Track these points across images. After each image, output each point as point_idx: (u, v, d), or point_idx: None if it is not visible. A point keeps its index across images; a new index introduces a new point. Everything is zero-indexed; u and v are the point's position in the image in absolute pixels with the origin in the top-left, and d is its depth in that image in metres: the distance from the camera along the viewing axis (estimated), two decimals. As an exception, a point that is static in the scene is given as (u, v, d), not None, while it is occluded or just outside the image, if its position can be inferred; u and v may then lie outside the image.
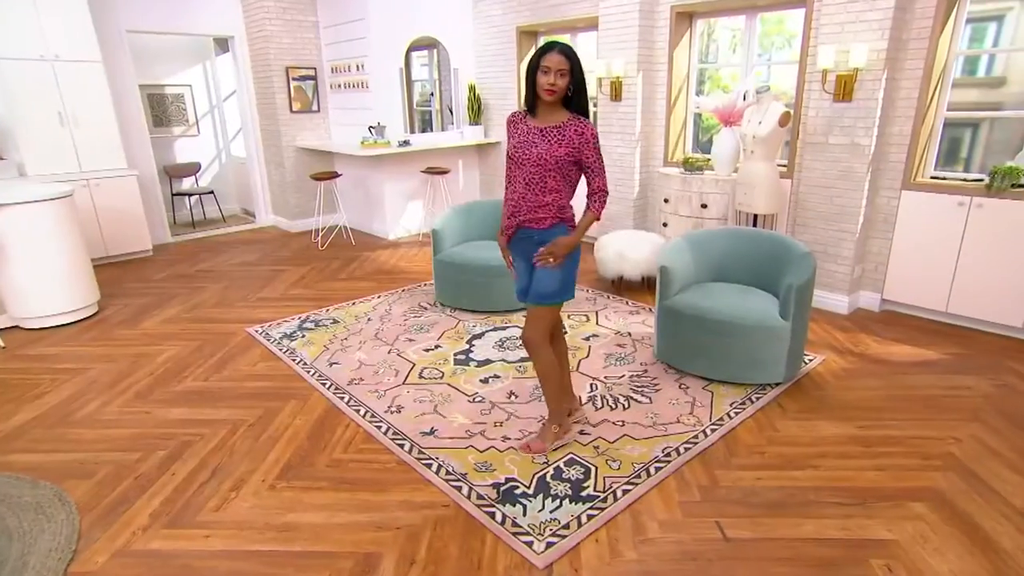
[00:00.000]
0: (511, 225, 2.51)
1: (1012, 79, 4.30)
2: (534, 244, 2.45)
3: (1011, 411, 2.93)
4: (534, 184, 2.39)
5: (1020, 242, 3.48)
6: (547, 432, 2.68)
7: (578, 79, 2.29)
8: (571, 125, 2.32)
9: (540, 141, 2.35)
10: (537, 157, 2.34)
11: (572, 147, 2.32)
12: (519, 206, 2.44)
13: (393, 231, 6.54)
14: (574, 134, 2.32)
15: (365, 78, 6.25)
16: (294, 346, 3.84)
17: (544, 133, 2.35)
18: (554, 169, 2.34)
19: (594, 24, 5.49)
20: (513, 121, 2.46)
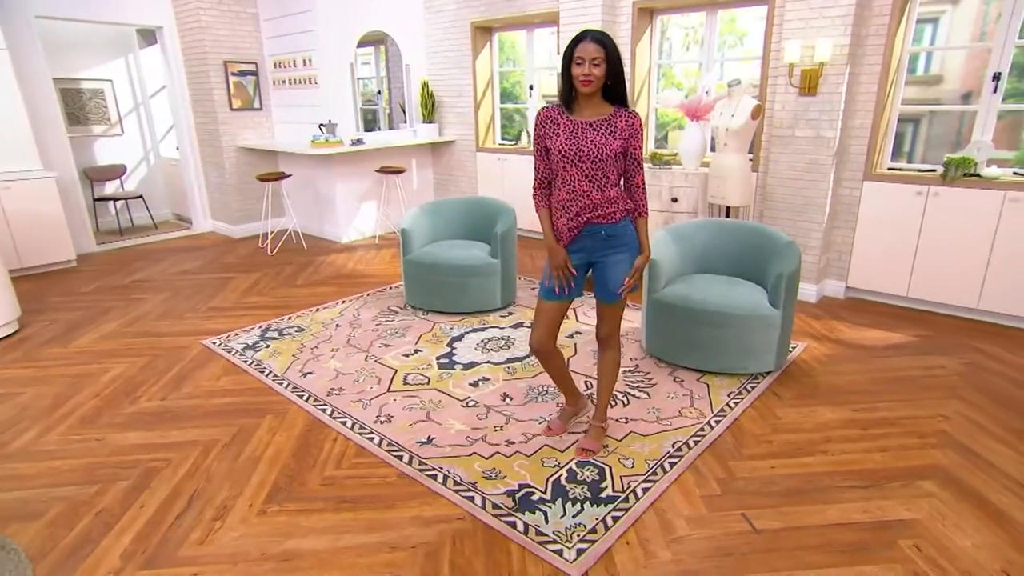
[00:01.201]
0: (576, 225, 2.31)
1: (948, 77, 4.62)
2: (601, 240, 2.33)
3: (984, 387, 3.07)
4: (598, 180, 2.25)
5: (974, 228, 3.69)
6: (600, 431, 2.62)
7: (615, 67, 2.15)
8: (621, 116, 2.23)
9: (594, 135, 2.22)
10: (597, 152, 2.21)
11: (624, 139, 2.23)
12: (584, 204, 2.28)
13: (346, 234, 6.24)
14: (625, 125, 2.22)
15: (313, 73, 5.93)
16: (259, 357, 3.54)
17: (594, 127, 2.22)
18: (613, 163, 2.24)
19: (553, 20, 5.45)
20: (550, 118, 2.29)
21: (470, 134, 6.44)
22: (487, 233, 4.36)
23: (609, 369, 2.53)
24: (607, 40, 2.11)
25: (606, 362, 2.53)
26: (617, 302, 2.40)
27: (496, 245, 4.08)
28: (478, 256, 4.06)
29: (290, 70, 6.19)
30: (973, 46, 4.03)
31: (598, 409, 2.61)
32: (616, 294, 2.35)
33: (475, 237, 4.46)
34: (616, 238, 2.30)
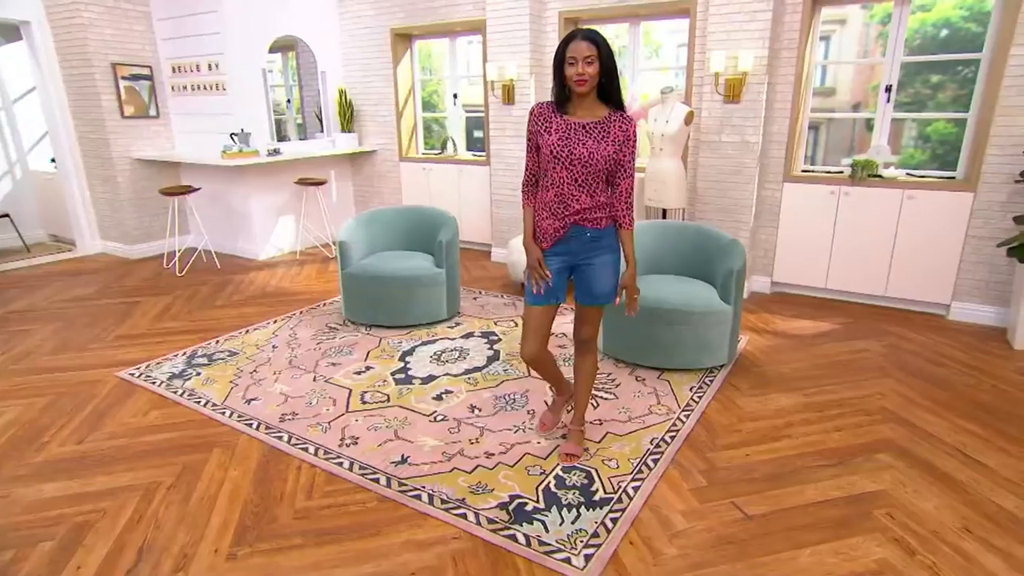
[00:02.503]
0: (563, 226, 2.25)
1: (840, 89, 5.12)
2: (585, 242, 2.27)
3: (905, 365, 3.39)
4: (587, 184, 2.19)
5: (880, 223, 4.08)
6: (579, 435, 2.60)
7: (607, 65, 2.11)
8: (615, 121, 2.16)
9: (586, 139, 2.15)
10: (588, 156, 2.14)
11: (617, 144, 2.16)
12: (573, 209, 2.22)
13: (264, 250, 5.83)
14: (618, 131, 2.15)
15: (221, 79, 5.51)
16: (191, 386, 3.19)
17: (588, 129, 2.16)
18: (603, 168, 2.18)
19: (477, 28, 5.44)
20: (543, 115, 2.23)
21: (392, 144, 6.26)
22: (428, 243, 4.24)
23: (589, 373, 2.52)
24: (599, 38, 2.09)
25: (587, 365, 2.50)
26: (596, 306, 2.38)
27: (441, 254, 3.96)
28: (422, 266, 3.93)
29: (192, 75, 5.72)
30: (869, 61, 4.46)
31: (577, 413, 2.59)
32: (603, 296, 2.33)
33: (415, 247, 4.32)
34: (601, 240, 2.28)
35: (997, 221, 3.76)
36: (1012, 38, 3.54)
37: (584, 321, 2.44)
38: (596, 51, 2.06)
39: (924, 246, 3.97)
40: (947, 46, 4.29)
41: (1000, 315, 3.85)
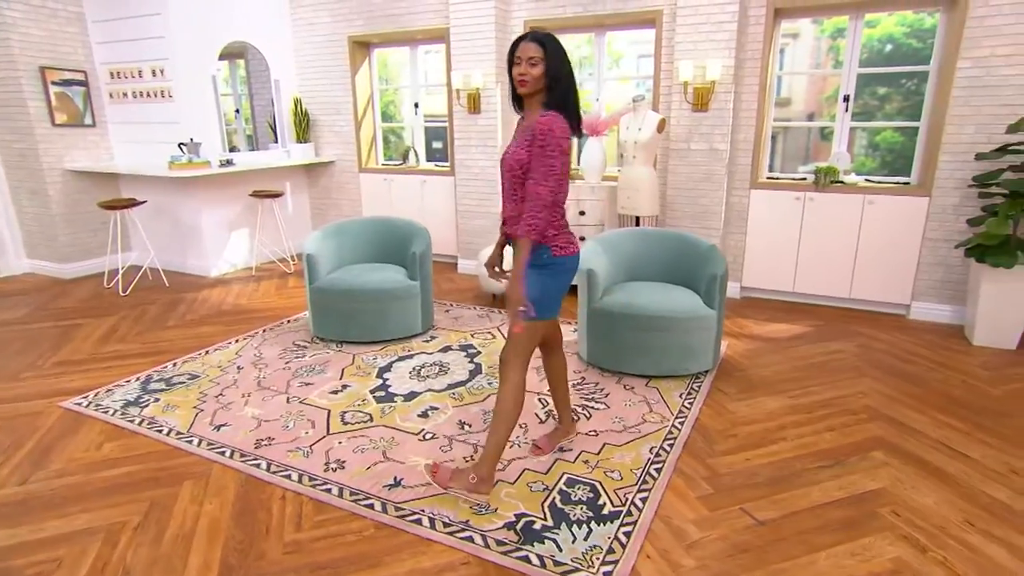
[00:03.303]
0: (502, 236, 2.33)
1: (795, 99, 5.31)
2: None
3: (879, 364, 3.48)
4: (509, 191, 2.16)
5: (843, 227, 4.22)
6: (463, 475, 2.25)
7: (553, 67, 2.02)
8: (538, 121, 2.03)
9: (513, 143, 2.13)
10: (509, 162, 2.11)
11: (526, 146, 2.06)
12: (505, 217, 2.22)
13: (216, 266, 5.50)
14: (534, 131, 2.02)
15: (166, 86, 5.20)
16: (149, 414, 2.92)
17: (517, 134, 2.15)
18: (519, 173, 2.08)
19: (439, 36, 5.35)
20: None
21: (351, 154, 6.06)
22: (399, 254, 4.09)
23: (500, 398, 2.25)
24: (548, 40, 2.03)
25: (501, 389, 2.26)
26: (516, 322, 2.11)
27: (415, 266, 3.82)
28: (396, 279, 3.77)
29: (133, 81, 5.37)
30: (828, 72, 4.61)
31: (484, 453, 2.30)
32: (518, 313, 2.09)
33: (384, 259, 4.16)
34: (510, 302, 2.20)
35: (951, 224, 3.95)
36: (958, 52, 3.75)
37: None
38: (542, 53, 2.00)
39: (884, 249, 4.13)
40: (891, 60, 4.52)
41: (956, 313, 4.04)
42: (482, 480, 2.23)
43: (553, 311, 2.26)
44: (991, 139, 3.76)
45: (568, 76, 2.06)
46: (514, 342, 2.17)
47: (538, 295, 2.13)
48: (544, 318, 2.20)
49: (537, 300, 2.11)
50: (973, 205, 3.86)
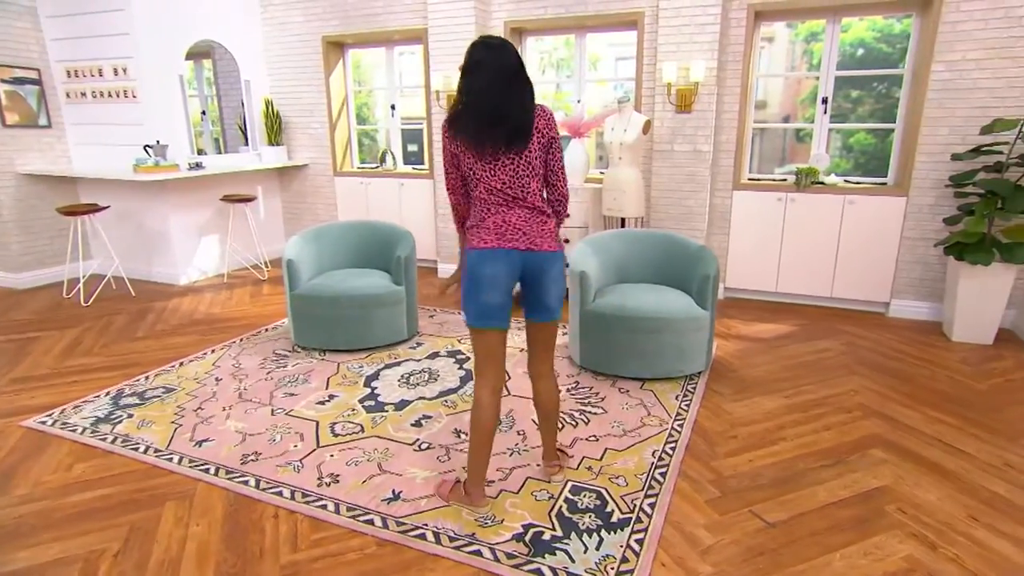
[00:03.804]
0: None
1: (771, 102, 5.39)
2: None
3: (867, 361, 3.52)
4: None
5: (824, 227, 4.28)
6: (459, 489, 2.21)
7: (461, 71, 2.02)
8: None
9: None
10: None
11: None
12: None
13: (186, 274, 5.27)
14: None
15: (130, 86, 4.96)
16: (123, 431, 2.75)
17: None
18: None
19: (416, 37, 5.26)
20: None
21: (325, 157, 5.90)
22: (381, 259, 3.98)
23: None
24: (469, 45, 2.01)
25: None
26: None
27: (399, 271, 3.72)
28: (381, 284, 3.66)
29: (93, 80, 5.12)
30: (808, 74, 4.67)
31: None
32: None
33: (366, 264, 4.04)
34: None
35: (928, 223, 4.04)
36: (932, 56, 3.85)
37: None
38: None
39: (864, 248, 4.20)
40: (863, 64, 4.62)
41: (934, 310, 4.13)
42: (470, 495, 2.17)
43: (471, 317, 2.04)
44: (965, 140, 3.86)
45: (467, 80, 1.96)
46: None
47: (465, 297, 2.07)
48: (471, 325, 2.05)
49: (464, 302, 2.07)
50: (949, 204, 3.96)
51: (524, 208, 2.02)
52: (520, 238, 2.00)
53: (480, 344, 2.07)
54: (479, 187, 2.02)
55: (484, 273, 1.99)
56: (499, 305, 2.01)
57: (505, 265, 1.99)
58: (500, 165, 1.97)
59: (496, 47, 1.92)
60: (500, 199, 2.01)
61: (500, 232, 1.99)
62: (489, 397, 2.08)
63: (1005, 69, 3.73)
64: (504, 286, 2.01)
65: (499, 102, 1.91)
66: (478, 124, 1.94)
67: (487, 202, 2.02)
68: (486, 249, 1.99)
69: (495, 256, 1.98)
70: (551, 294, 2.08)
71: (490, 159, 1.97)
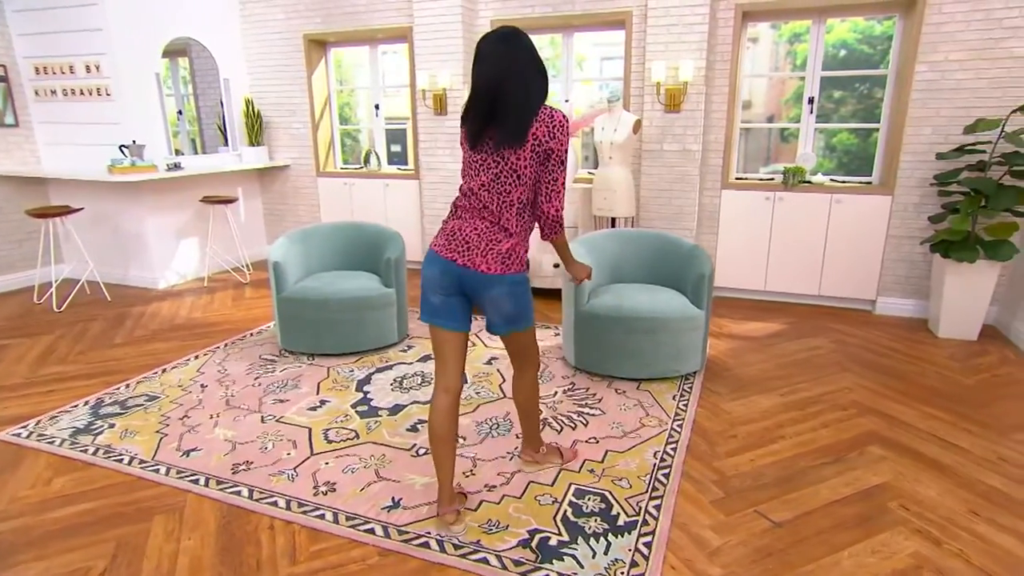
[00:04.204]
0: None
1: (755, 102, 5.43)
2: None
3: (857, 359, 3.55)
4: None
5: (812, 226, 4.31)
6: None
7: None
8: None
9: None
10: None
11: None
12: None
13: (164, 278, 5.11)
14: None
15: (104, 83, 4.80)
16: (105, 442, 2.63)
17: None
18: None
19: (401, 35, 5.18)
20: None
21: (308, 158, 5.79)
22: (369, 261, 3.90)
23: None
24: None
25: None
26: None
27: (389, 273, 3.65)
28: (371, 287, 3.58)
29: (63, 78, 4.94)
30: (795, 74, 4.67)
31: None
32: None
33: (354, 266, 3.95)
34: None
35: (913, 221, 4.10)
36: (916, 56, 3.91)
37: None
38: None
39: (851, 247, 4.25)
40: (846, 64, 4.68)
41: (919, 307, 4.20)
42: (438, 502, 2.09)
43: (424, 312, 2.02)
44: (948, 139, 3.93)
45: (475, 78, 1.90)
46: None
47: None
48: (420, 319, 2.05)
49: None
50: (933, 203, 4.02)
51: (485, 221, 1.94)
52: (460, 252, 1.93)
53: (432, 340, 2.06)
54: (463, 183, 2.00)
55: (425, 274, 2.01)
56: (440, 305, 1.98)
57: (440, 273, 1.96)
58: (486, 164, 1.91)
59: (504, 38, 1.86)
60: (471, 203, 1.96)
61: (449, 239, 1.96)
62: (442, 397, 2.03)
63: (986, 70, 3.80)
64: (443, 289, 1.97)
65: (497, 95, 1.84)
66: (475, 116, 1.90)
67: (460, 202, 2.01)
68: (432, 251, 2.00)
69: (435, 261, 1.98)
70: (497, 313, 2.01)
71: (480, 154, 1.92)
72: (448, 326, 2.00)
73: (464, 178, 1.99)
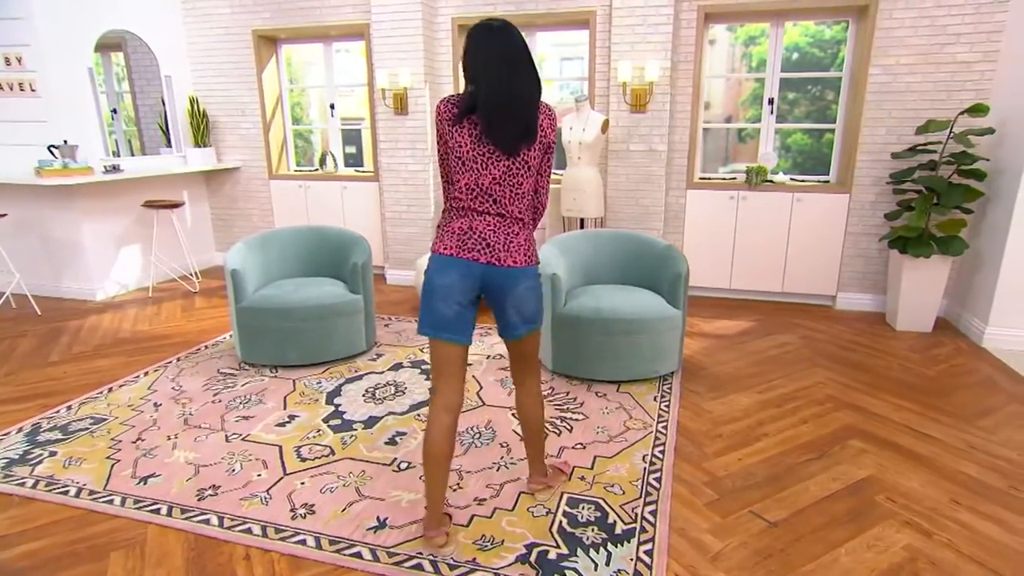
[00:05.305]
0: None
1: (714, 103, 5.52)
2: None
3: (825, 353, 3.63)
4: None
5: (775, 225, 4.40)
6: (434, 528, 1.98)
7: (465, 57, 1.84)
8: None
9: None
10: None
11: None
12: None
13: (103, 288, 4.74)
14: None
15: (28, 77, 4.41)
16: (46, 472, 2.38)
17: None
18: None
19: (357, 32, 5.00)
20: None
21: (259, 159, 5.52)
22: (332, 267, 3.72)
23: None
24: (471, 28, 1.82)
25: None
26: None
27: (356, 279, 3.48)
28: (337, 293, 3.41)
29: (-15, 74, 4.53)
30: (755, 75, 4.75)
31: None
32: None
33: (317, 272, 3.77)
34: None
35: (869, 218, 4.24)
36: (869, 59, 4.04)
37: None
38: (464, 44, 1.83)
39: (812, 244, 4.36)
40: (798, 67, 4.81)
41: (877, 301, 4.34)
42: (425, 531, 1.96)
43: (424, 326, 1.87)
44: (900, 140, 4.08)
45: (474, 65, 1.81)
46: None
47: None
48: (422, 332, 1.88)
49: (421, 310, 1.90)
50: (888, 201, 4.17)
51: (496, 216, 1.85)
52: (481, 250, 1.83)
53: (434, 355, 1.90)
54: (462, 181, 1.84)
55: (437, 282, 1.83)
56: (453, 317, 1.83)
57: (460, 277, 1.82)
58: (495, 160, 1.81)
59: (504, 30, 1.78)
60: (478, 201, 1.84)
61: (463, 239, 1.83)
62: (442, 416, 1.89)
63: (932, 73, 3.97)
64: (458, 298, 1.83)
65: (512, 91, 1.77)
66: (490, 112, 1.78)
67: (461, 201, 1.86)
68: (444, 256, 1.84)
69: (451, 265, 1.82)
70: (518, 313, 1.91)
71: (492, 152, 1.81)
72: (457, 340, 1.86)
73: (463, 175, 1.84)
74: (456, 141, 1.83)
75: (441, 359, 1.89)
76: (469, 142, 1.81)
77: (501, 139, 1.79)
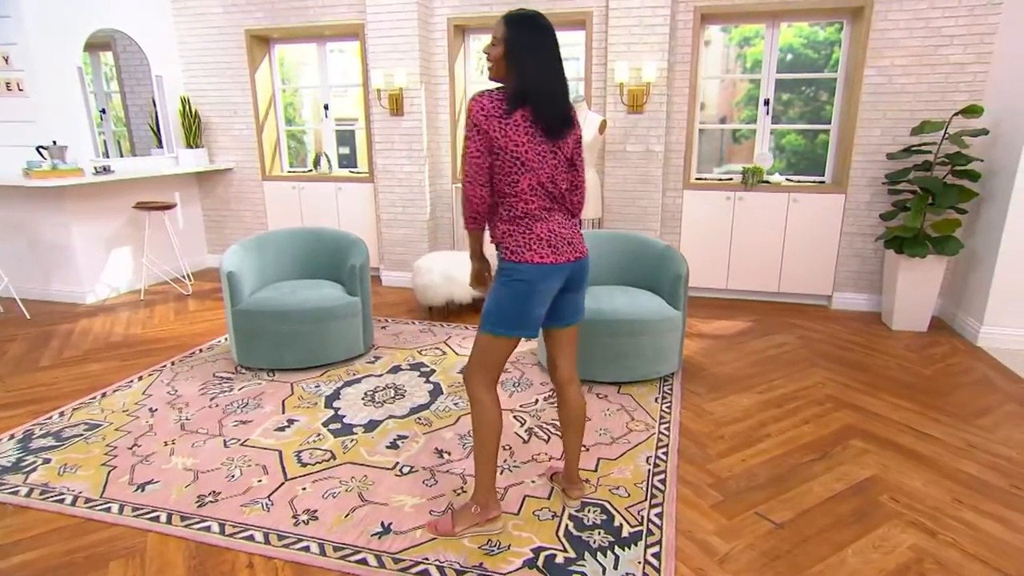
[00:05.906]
0: None
1: (708, 104, 5.53)
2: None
3: (823, 353, 3.64)
4: None
5: (771, 225, 4.41)
6: (465, 511, 2.04)
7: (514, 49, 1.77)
8: None
9: None
10: None
11: None
12: None
13: (94, 292, 4.67)
14: None
15: (15, 77, 4.34)
16: (41, 480, 2.33)
17: None
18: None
19: (352, 32, 4.96)
20: None
21: (252, 160, 5.46)
22: (330, 269, 3.69)
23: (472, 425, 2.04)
24: (513, 18, 1.80)
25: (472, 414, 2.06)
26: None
27: (354, 281, 3.45)
28: (335, 296, 3.38)
29: (-29, 73, 4.44)
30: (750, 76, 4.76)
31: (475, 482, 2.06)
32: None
33: (313, 274, 3.73)
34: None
35: (864, 219, 4.27)
36: (864, 61, 4.06)
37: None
38: (503, 32, 1.80)
39: (808, 244, 4.38)
40: (792, 68, 4.83)
41: (872, 301, 4.37)
42: (484, 507, 2.01)
43: (508, 328, 1.88)
44: (895, 140, 4.11)
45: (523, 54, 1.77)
46: (472, 353, 1.97)
47: (490, 303, 1.91)
48: (495, 333, 1.89)
49: (487, 309, 1.92)
50: (883, 201, 4.20)
51: (562, 212, 1.95)
52: (567, 248, 1.91)
53: (499, 351, 1.94)
54: (524, 182, 1.81)
55: (538, 288, 1.87)
56: (541, 314, 1.95)
57: (558, 280, 1.91)
58: (549, 156, 1.84)
59: (537, 19, 1.81)
60: (541, 198, 1.86)
61: (553, 245, 1.87)
62: (493, 396, 1.98)
63: (927, 75, 3.99)
64: (551, 295, 1.94)
65: (560, 80, 1.84)
66: (542, 99, 1.78)
67: (530, 204, 1.84)
68: (544, 265, 1.86)
69: (553, 272, 1.88)
70: (579, 299, 2.05)
71: (547, 148, 1.83)
72: (533, 335, 1.96)
73: (523, 175, 1.81)
74: (511, 140, 1.77)
75: (507, 352, 1.96)
76: (526, 140, 1.78)
77: (553, 126, 1.81)
